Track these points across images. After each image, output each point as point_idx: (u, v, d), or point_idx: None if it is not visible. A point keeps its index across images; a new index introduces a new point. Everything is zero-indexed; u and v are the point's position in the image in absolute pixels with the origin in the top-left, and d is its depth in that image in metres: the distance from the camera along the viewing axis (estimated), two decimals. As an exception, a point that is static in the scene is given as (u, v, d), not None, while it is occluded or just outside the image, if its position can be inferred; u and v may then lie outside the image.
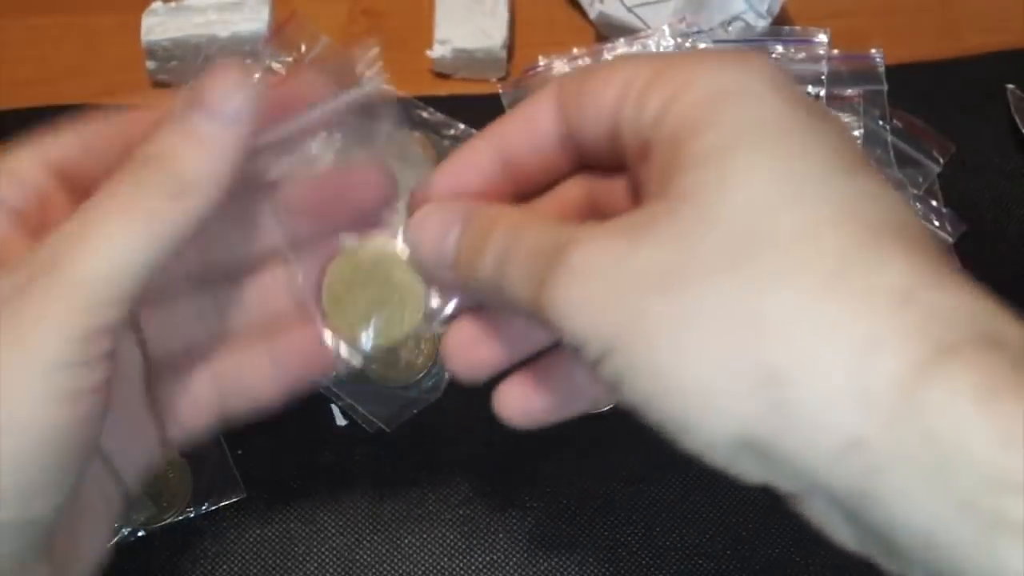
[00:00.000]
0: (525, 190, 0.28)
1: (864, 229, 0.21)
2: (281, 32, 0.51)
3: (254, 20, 0.51)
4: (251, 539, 0.41)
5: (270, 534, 0.41)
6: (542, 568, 0.41)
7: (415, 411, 0.43)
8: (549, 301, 0.23)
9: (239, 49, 0.50)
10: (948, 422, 0.19)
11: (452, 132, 0.49)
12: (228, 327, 0.31)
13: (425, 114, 0.50)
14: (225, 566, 0.41)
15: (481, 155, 0.27)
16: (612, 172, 0.26)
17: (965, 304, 0.20)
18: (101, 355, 0.24)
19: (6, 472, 0.23)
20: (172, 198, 0.24)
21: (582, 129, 0.26)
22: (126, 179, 0.25)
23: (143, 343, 0.30)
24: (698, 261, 0.21)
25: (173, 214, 0.24)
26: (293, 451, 0.43)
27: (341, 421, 0.43)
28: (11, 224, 0.26)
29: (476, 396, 0.44)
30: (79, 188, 0.27)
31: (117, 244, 0.24)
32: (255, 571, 0.41)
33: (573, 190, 0.28)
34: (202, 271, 0.30)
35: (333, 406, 0.43)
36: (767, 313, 0.20)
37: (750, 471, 0.21)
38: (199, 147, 0.25)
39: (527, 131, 0.27)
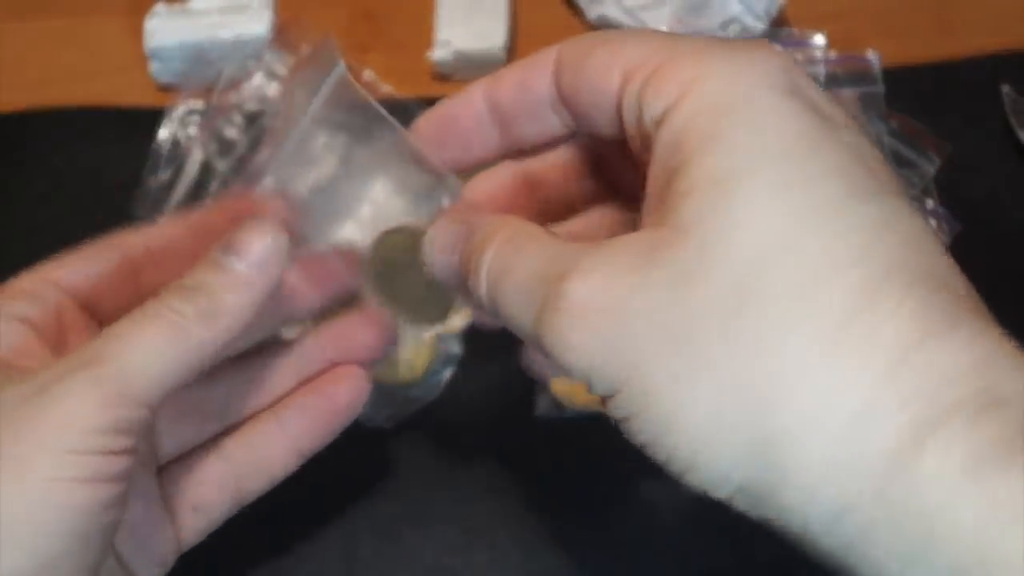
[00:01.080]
0: (524, 147, 0.28)
1: (872, 271, 0.20)
2: (283, 34, 0.52)
3: (257, 23, 0.51)
4: (252, 538, 0.41)
5: (271, 533, 0.41)
6: (542, 566, 0.41)
7: (415, 409, 0.43)
8: (549, 336, 0.22)
9: (242, 52, 0.50)
10: (936, 494, 0.18)
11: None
12: (236, 410, 0.33)
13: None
14: (225, 564, 0.41)
15: (474, 106, 0.27)
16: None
17: (967, 357, 0.19)
18: (126, 447, 0.25)
19: (24, 545, 0.24)
20: (204, 321, 0.27)
21: (579, 106, 0.25)
22: (164, 301, 0.27)
23: (156, 437, 0.32)
24: (701, 308, 0.20)
25: (205, 334, 0.27)
26: (295, 450, 0.43)
27: None
28: (34, 336, 0.28)
29: (477, 395, 0.44)
30: (92, 308, 0.30)
31: (151, 351, 0.26)
32: (255, 569, 0.41)
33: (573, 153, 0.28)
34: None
35: None
36: (766, 373, 0.20)
37: (750, 512, 0.21)
38: (232, 283, 0.27)
39: (522, 98, 0.27)
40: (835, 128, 0.22)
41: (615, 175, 0.29)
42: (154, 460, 0.32)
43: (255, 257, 0.28)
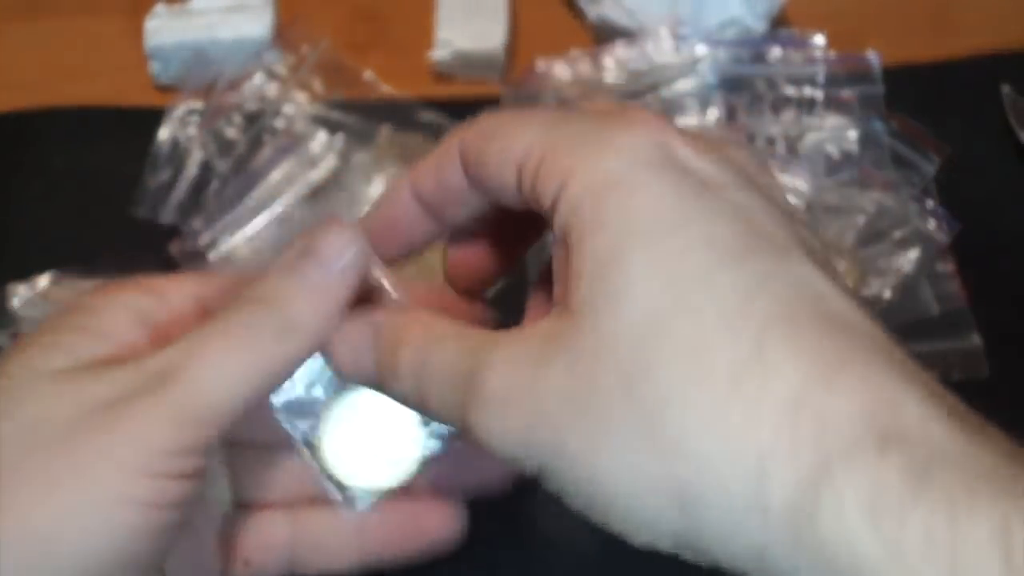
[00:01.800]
0: (461, 226, 0.28)
1: (752, 328, 0.20)
2: (284, 34, 0.52)
3: (257, 23, 0.51)
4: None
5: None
6: (543, 566, 0.41)
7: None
8: (475, 428, 0.23)
9: (242, 52, 0.50)
10: (838, 537, 0.19)
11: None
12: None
13: (425, 116, 0.50)
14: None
15: (404, 203, 0.28)
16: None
17: (860, 398, 0.19)
18: (188, 472, 0.25)
19: (78, 561, 0.24)
20: (279, 338, 0.25)
21: (491, 193, 0.26)
22: (237, 315, 0.26)
23: (233, 480, 0.31)
24: (601, 381, 0.21)
25: (278, 352, 0.25)
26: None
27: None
28: (145, 334, 0.27)
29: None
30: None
31: (224, 370, 0.25)
32: (257, 569, 0.41)
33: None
34: None
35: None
36: (671, 431, 0.20)
37: (696, 560, 0.22)
38: (310, 293, 0.26)
39: (442, 188, 0.27)
40: (715, 190, 0.22)
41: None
42: (227, 498, 0.31)
43: (335, 263, 0.26)
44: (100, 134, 0.51)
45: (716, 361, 0.20)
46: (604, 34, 0.53)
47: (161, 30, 0.51)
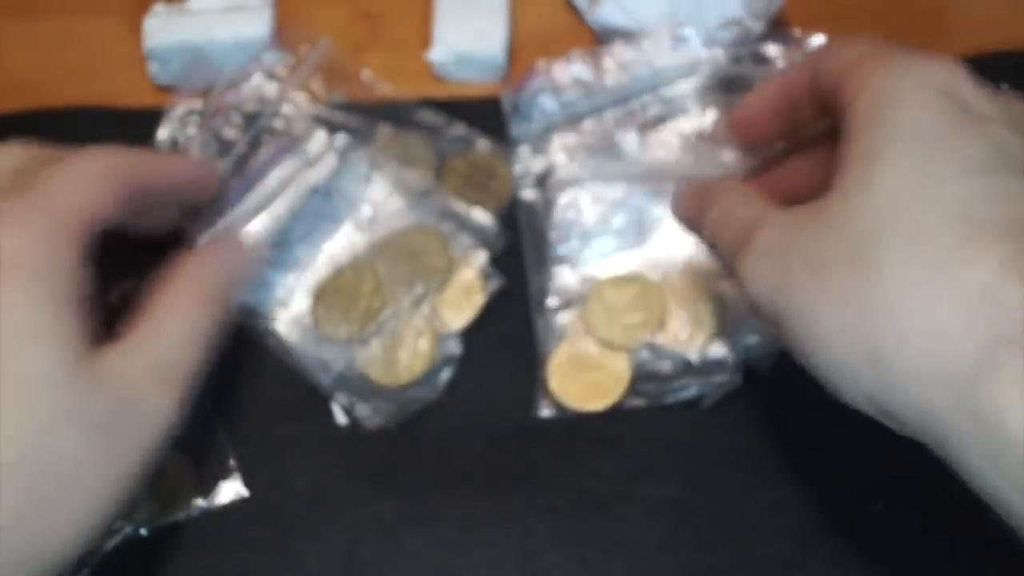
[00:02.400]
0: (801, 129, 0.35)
1: (971, 227, 0.25)
2: (283, 34, 0.51)
3: (256, 24, 0.51)
4: (253, 538, 0.41)
5: (272, 532, 0.41)
6: (542, 566, 0.41)
7: (415, 410, 0.43)
8: (740, 270, 0.30)
9: (241, 52, 0.50)
10: (998, 408, 0.22)
11: (451, 133, 0.49)
12: None
13: (425, 116, 0.50)
14: (227, 564, 0.41)
15: (767, 96, 0.36)
16: None
17: None
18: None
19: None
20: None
21: (823, 101, 0.32)
22: None
23: None
24: (837, 250, 0.27)
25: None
26: (295, 450, 0.43)
27: (342, 420, 0.44)
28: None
29: (477, 395, 0.44)
30: None
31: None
32: (256, 570, 0.41)
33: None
34: None
35: (333, 405, 0.44)
36: (878, 296, 0.25)
37: (881, 419, 0.26)
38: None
39: (796, 84, 0.34)
40: (981, 122, 0.27)
41: None
42: None
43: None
44: (99, 134, 0.51)
45: (929, 247, 0.25)
46: (603, 34, 0.53)
47: (160, 30, 0.50)
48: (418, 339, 0.44)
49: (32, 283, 0.29)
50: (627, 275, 0.46)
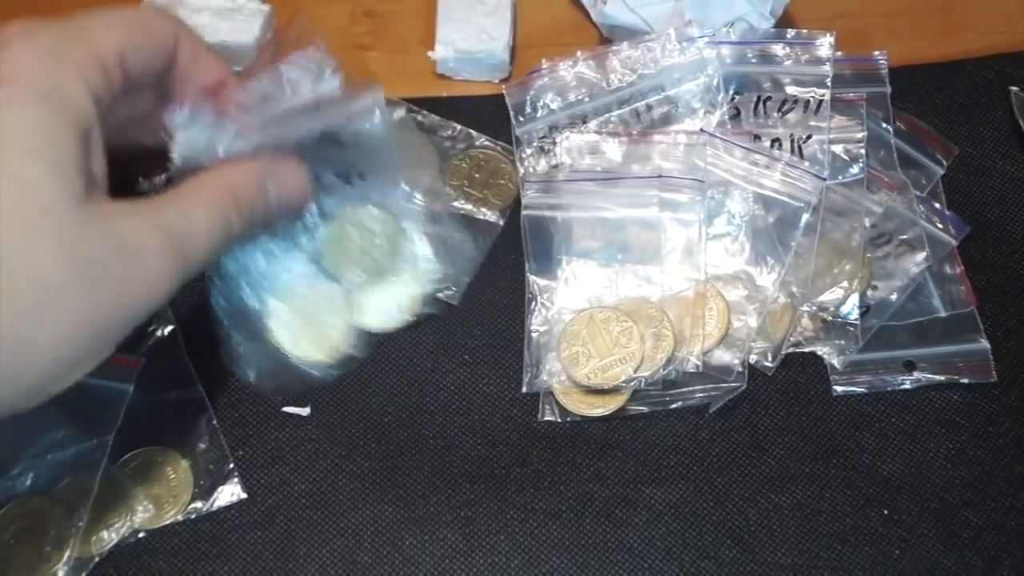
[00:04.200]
0: None
1: None
2: (283, 33, 0.51)
3: (243, 32, 0.50)
4: (252, 541, 0.41)
5: (271, 536, 0.41)
6: (543, 570, 0.41)
7: (304, 387, 0.43)
8: None
9: (228, 59, 0.50)
10: None
11: (450, 133, 0.49)
12: None
13: (424, 115, 0.50)
14: (225, 568, 0.41)
15: None
16: None
17: None
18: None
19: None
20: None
21: None
22: None
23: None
24: None
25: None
26: (294, 453, 0.43)
27: (304, 412, 0.44)
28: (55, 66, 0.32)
29: (480, 400, 0.44)
30: None
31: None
32: (255, 573, 0.41)
33: None
34: None
35: (288, 408, 0.44)
36: None
37: None
38: None
39: None
40: None
41: None
42: None
43: None
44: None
45: None
46: (609, 33, 0.53)
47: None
48: (355, 335, 0.44)
49: (31, 98, 0.29)
50: (611, 308, 0.44)
